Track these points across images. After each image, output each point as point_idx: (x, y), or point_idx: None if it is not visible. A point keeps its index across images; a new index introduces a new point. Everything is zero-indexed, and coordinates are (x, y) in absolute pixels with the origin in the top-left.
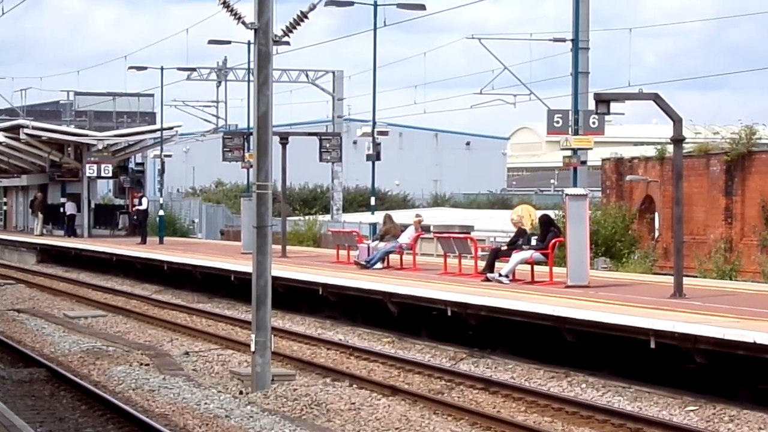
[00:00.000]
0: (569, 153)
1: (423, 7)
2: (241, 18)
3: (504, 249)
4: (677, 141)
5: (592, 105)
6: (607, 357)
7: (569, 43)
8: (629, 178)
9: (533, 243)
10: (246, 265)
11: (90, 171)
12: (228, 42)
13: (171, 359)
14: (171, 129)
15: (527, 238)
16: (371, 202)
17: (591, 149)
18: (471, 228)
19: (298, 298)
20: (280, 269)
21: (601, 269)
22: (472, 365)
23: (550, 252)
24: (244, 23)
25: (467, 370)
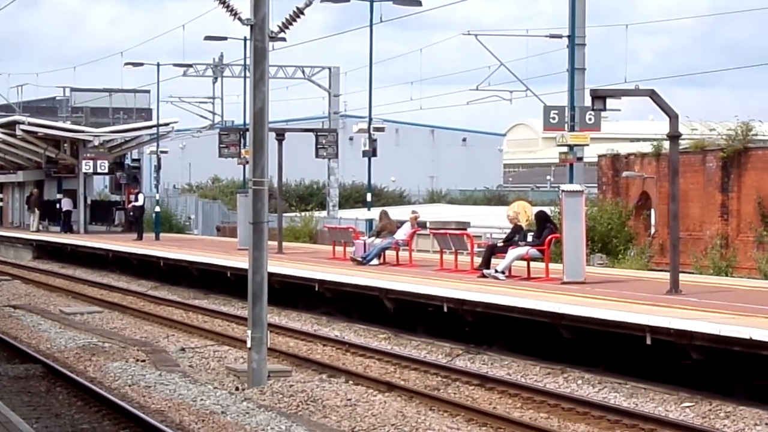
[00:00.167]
0: (565, 149)
1: (419, 3)
2: (238, 14)
3: (500, 245)
4: (673, 137)
5: (588, 101)
6: (603, 353)
7: (565, 39)
8: (625, 174)
9: (529, 239)
10: (242, 262)
11: (86, 167)
12: (224, 38)
13: (167, 355)
14: (167, 125)
15: (523, 234)
16: (367, 198)
17: (587, 145)
18: (467, 224)
19: (294, 294)
20: (276, 265)
21: (597, 265)
22: (468, 362)
23: (546, 248)
24: (240, 19)
25: (463, 366)
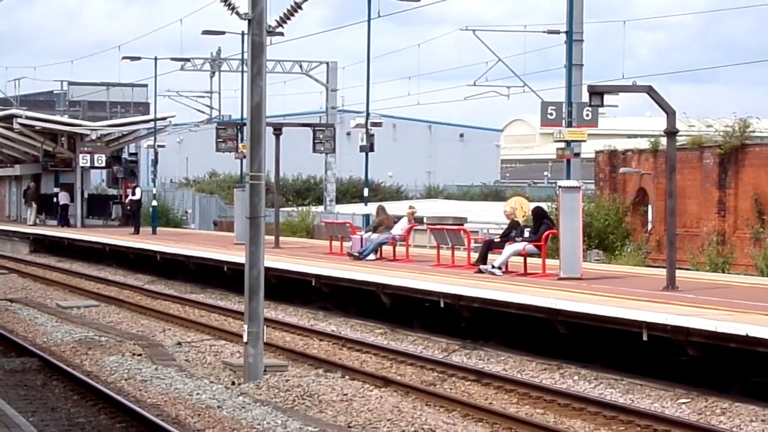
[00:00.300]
0: (563, 145)
1: None
2: (235, 8)
3: (497, 241)
4: (671, 133)
5: (585, 97)
6: (600, 349)
7: (563, 35)
8: (622, 170)
9: (526, 235)
10: (239, 256)
11: (83, 161)
12: (222, 32)
13: (163, 349)
14: (164, 119)
15: (520, 230)
16: (364, 193)
17: (584, 141)
18: (464, 220)
19: (290, 289)
20: (273, 260)
21: (594, 261)
22: (464, 357)
23: (543, 244)
24: (237, 13)
25: (460, 361)
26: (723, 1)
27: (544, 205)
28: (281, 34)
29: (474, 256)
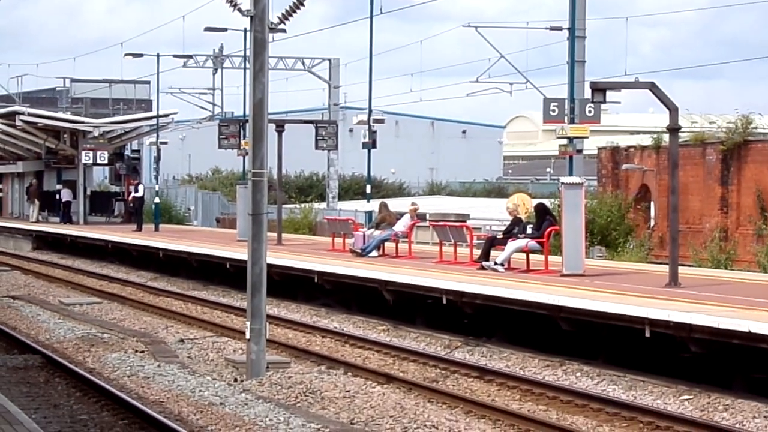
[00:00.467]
0: (565, 141)
1: None
2: (237, 5)
3: (499, 237)
4: (673, 130)
5: (588, 94)
6: (602, 346)
7: (566, 32)
8: (625, 166)
9: (529, 231)
10: (241, 253)
11: (86, 158)
12: (224, 29)
13: (166, 346)
14: (167, 116)
15: (523, 226)
16: (367, 190)
17: (587, 138)
18: (467, 216)
19: (293, 285)
20: (275, 257)
21: (597, 258)
22: (467, 353)
23: (545, 241)
24: (240, 10)
25: (462, 358)
26: None
27: (546, 202)
28: (283, 30)
29: (476, 252)
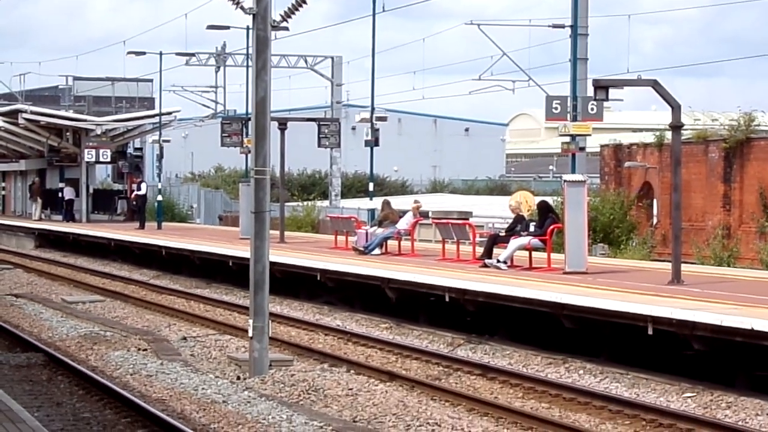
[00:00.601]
0: (568, 139)
1: None
2: (240, 3)
3: (502, 235)
4: (676, 127)
5: (590, 91)
6: (605, 343)
7: (568, 30)
8: (628, 164)
9: (531, 229)
10: (244, 251)
11: (88, 156)
12: (227, 27)
13: (169, 344)
14: (170, 114)
15: (525, 224)
16: (370, 187)
17: (590, 135)
18: (469, 214)
19: (296, 283)
20: (278, 255)
21: (599, 256)
22: (469, 351)
23: (548, 238)
24: (242, 8)
25: (465, 356)
26: None
27: (549, 200)
28: (286, 28)
29: (479, 250)
